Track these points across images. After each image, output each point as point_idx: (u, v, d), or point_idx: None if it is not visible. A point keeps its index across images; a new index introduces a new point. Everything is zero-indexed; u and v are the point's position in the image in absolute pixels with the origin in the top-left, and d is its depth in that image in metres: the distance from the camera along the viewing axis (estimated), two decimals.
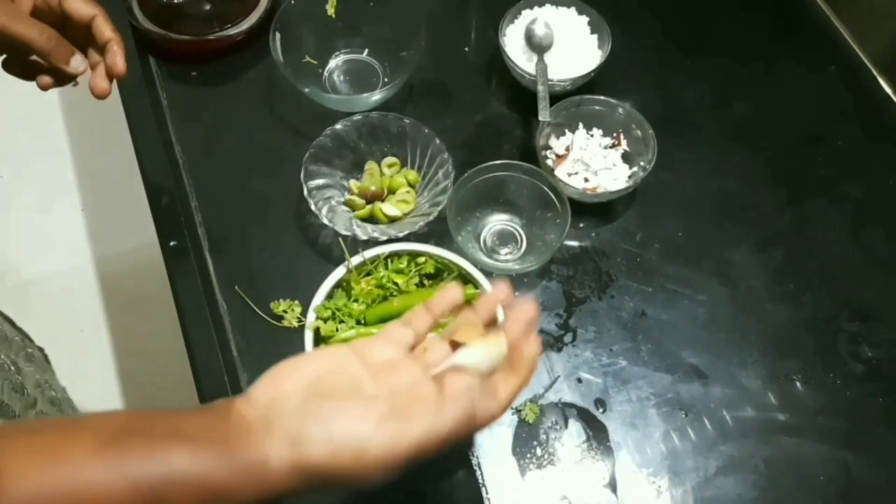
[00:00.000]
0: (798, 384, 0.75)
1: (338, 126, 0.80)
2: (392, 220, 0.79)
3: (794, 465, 0.71)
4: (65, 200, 1.77)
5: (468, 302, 0.63)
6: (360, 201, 0.80)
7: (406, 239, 0.73)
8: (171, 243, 0.76)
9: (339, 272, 0.64)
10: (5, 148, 1.84)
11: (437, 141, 0.79)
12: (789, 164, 0.87)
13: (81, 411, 1.15)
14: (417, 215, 0.79)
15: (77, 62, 0.61)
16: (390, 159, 0.83)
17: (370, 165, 0.83)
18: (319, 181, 0.79)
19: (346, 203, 0.81)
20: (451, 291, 0.51)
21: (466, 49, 0.94)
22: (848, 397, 0.74)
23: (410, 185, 0.82)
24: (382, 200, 0.80)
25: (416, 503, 0.68)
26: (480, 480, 0.68)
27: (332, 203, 0.79)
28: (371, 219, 0.80)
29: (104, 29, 0.61)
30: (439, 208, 0.77)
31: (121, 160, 1.76)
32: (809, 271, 0.81)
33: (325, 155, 0.80)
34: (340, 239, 0.76)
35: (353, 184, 0.82)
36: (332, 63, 0.91)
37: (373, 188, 0.80)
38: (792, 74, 0.94)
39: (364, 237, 0.75)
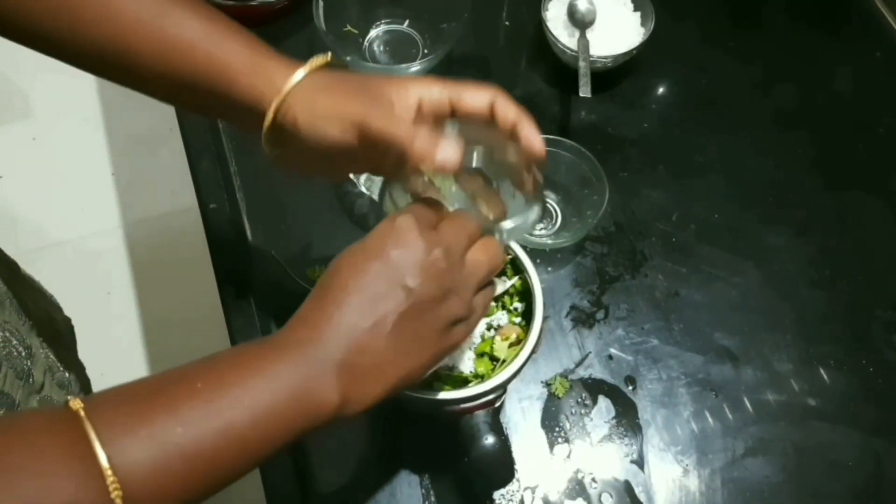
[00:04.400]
0: (830, 370, 0.75)
1: None
2: None
3: (823, 450, 0.71)
4: (95, 164, 1.79)
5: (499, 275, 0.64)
6: None
7: None
8: (211, 206, 0.77)
9: None
10: (37, 111, 1.86)
11: None
12: (830, 149, 0.87)
13: (92, 390, 1.16)
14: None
15: (447, 153, 0.46)
16: None
17: None
18: None
19: None
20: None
21: (508, 23, 0.93)
22: (880, 385, 0.74)
23: None
24: None
25: (448, 471, 0.69)
26: (510, 451, 0.69)
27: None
28: None
29: (508, 111, 0.50)
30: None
31: (150, 126, 1.78)
32: (846, 257, 0.80)
33: None
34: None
35: None
36: (373, 33, 0.91)
37: None
38: (836, 60, 0.93)
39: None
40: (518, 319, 0.63)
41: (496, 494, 0.68)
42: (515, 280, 0.63)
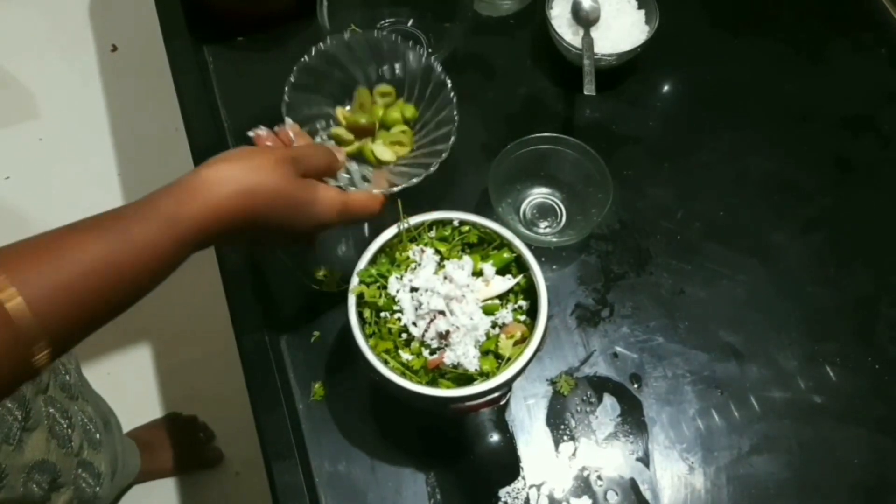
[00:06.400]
0: (835, 367, 0.75)
1: (326, 43, 0.69)
2: (383, 164, 0.69)
3: (828, 448, 0.71)
4: (101, 165, 1.80)
5: (501, 272, 0.64)
6: (349, 135, 0.70)
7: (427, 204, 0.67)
8: None
9: (383, 237, 0.64)
10: (44, 111, 1.86)
11: (439, 69, 0.69)
12: (835, 146, 0.86)
13: (94, 393, 1.17)
14: (414, 165, 0.68)
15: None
16: (384, 87, 0.73)
17: (360, 91, 0.72)
18: (305, 111, 0.69)
19: (333, 136, 0.70)
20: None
21: (512, 21, 0.93)
22: (886, 382, 0.74)
23: (407, 122, 0.71)
24: (373, 139, 0.70)
25: (453, 468, 0.69)
26: (516, 449, 0.69)
27: (321, 137, 0.69)
28: (360, 158, 0.70)
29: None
30: (440, 159, 0.66)
31: (156, 127, 1.79)
32: (850, 255, 0.80)
33: (310, 81, 0.68)
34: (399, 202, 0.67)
35: (339, 111, 0.70)
36: (377, 33, 0.91)
37: (363, 121, 0.70)
38: (841, 56, 0.92)
39: (345, 179, 0.64)
40: (523, 317, 0.63)
41: (502, 492, 0.69)
42: (520, 278, 0.64)
